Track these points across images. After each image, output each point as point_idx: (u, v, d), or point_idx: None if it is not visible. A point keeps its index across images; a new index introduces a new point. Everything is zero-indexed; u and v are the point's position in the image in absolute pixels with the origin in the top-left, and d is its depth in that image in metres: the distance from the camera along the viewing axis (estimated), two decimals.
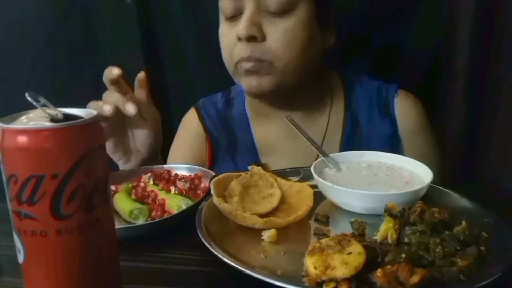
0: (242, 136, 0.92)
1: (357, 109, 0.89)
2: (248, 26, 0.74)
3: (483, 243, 0.47)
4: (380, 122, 0.88)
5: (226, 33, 0.80)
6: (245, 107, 0.94)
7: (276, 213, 0.57)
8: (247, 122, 0.92)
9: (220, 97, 0.96)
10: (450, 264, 0.44)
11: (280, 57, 0.76)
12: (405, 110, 0.88)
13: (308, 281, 0.42)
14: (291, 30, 0.75)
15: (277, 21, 0.75)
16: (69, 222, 0.34)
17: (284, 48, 0.75)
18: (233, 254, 0.47)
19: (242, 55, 0.76)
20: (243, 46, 0.76)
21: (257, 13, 0.75)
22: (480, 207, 0.57)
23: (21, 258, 0.36)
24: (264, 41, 0.75)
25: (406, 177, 0.63)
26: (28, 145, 0.33)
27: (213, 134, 0.93)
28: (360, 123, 0.88)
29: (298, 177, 0.68)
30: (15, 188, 0.34)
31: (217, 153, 0.92)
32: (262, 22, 0.75)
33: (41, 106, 0.35)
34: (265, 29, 0.75)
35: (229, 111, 0.94)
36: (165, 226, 0.56)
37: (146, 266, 0.51)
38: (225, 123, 0.93)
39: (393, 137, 0.87)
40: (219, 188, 0.57)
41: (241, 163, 0.89)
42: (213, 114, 0.94)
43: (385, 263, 0.42)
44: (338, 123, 0.89)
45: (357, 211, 0.58)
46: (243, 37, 0.74)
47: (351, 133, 0.88)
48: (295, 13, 0.76)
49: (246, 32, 0.74)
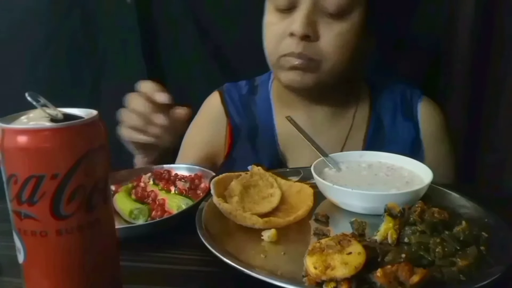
0: (263, 125, 0.91)
1: (381, 110, 0.90)
2: (305, 25, 0.73)
3: (483, 243, 0.47)
4: (403, 125, 0.89)
5: (275, 23, 0.79)
6: (270, 95, 0.93)
7: (276, 213, 0.57)
8: (270, 111, 0.92)
9: (244, 84, 0.96)
10: (450, 264, 0.44)
11: (329, 59, 0.76)
12: (428, 115, 0.89)
13: (308, 281, 0.42)
14: (344, 33, 0.76)
15: (333, 23, 0.75)
16: (69, 222, 0.34)
17: (335, 51, 0.76)
18: (233, 254, 0.47)
19: (293, 50, 0.76)
20: (295, 42, 0.75)
21: (314, 12, 0.75)
22: (480, 207, 0.57)
23: (21, 258, 0.36)
24: (317, 41, 0.76)
25: (406, 177, 0.63)
26: (28, 145, 0.33)
27: (234, 119, 0.92)
28: (384, 124, 0.89)
29: (298, 177, 0.68)
30: (15, 188, 0.34)
31: (236, 139, 0.92)
32: (317, 21, 0.75)
33: (41, 106, 0.35)
34: (319, 30, 0.75)
35: (252, 98, 0.94)
36: (165, 226, 0.56)
37: (146, 266, 0.51)
38: (248, 110, 0.93)
39: (415, 141, 0.88)
40: (219, 188, 0.57)
41: (261, 151, 0.89)
42: (236, 99, 0.93)
43: (385, 263, 0.42)
44: (362, 123, 0.90)
45: (357, 211, 0.58)
46: (298, 35, 0.74)
47: (374, 134, 0.89)
48: (350, 17, 0.76)
49: (303, 31, 0.73)
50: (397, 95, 0.91)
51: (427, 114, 0.89)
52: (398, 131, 0.89)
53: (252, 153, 0.90)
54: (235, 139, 0.92)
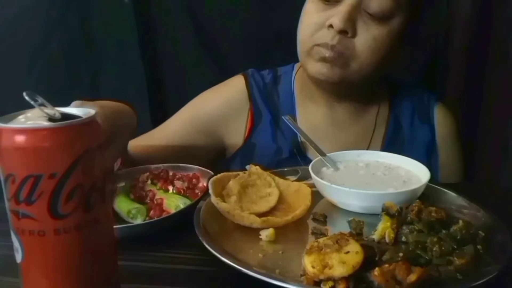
0: (285, 114, 0.90)
1: (400, 112, 0.92)
2: (346, 20, 0.74)
3: (480, 242, 0.47)
4: (420, 127, 0.90)
5: (314, 12, 0.79)
6: (292, 86, 0.93)
7: (274, 213, 0.57)
8: (292, 102, 0.92)
9: (267, 73, 0.96)
10: (447, 263, 0.44)
11: (360, 58, 0.77)
12: (444, 118, 0.91)
13: (306, 280, 0.42)
14: (381, 38, 0.76)
15: (372, 24, 0.76)
16: (67, 221, 0.34)
17: (368, 53, 0.76)
18: (231, 253, 0.47)
19: (327, 41, 0.76)
20: (331, 34, 0.76)
21: (356, 9, 0.75)
22: (477, 206, 0.57)
23: (19, 258, 0.36)
24: (352, 38, 0.76)
25: (403, 177, 0.64)
26: (26, 145, 0.33)
27: (258, 105, 0.91)
28: (402, 126, 0.91)
29: (296, 176, 0.68)
30: (12, 187, 0.34)
31: (257, 125, 0.91)
32: (357, 20, 0.75)
33: (38, 106, 0.35)
34: (358, 28, 0.76)
35: (275, 87, 0.94)
36: (163, 225, 0.56)
37: (144, 265, 0.51)
38: (271, 98, 0.92)
39: (431, 143, 0.90)
40: (217, 187, 0.57)
41: (281, 139, 0.89)
42: (261, 84, 0.93)
43: (383, 262, 0.42)
44: (382, 123, 0.90)
45: (354, 210, 0.58)
46: (337, 29, 0.74)
47: (393, 135, 0.90)
48: (390, 23, 0.76)
49: (342, 25, 0.73)
50: (415, 98, 0.93)
51: (442, 118, 0.91)
52: (415, 133, 0.90)
53: (273, 141, 0.89)
54: (256, 124, 0.91)
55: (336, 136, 0.88)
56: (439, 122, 0.91)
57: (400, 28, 0.77)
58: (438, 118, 0.91)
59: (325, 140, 0.87)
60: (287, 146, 0.87)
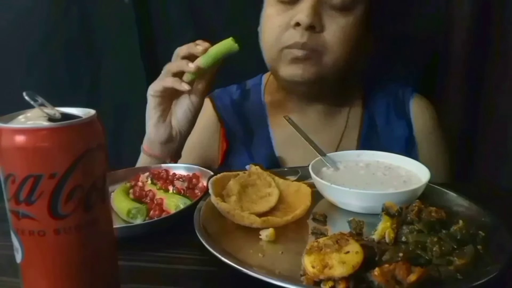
0: (257, 129, 0.91)
1: (375, 110, 0.91)
2: (311, 15, 0.74)
3: (480, 242, 0.47)
4: (396, 124, 0.89)
5: (276, 15, 0.79)
6: (262, 98, 0.93)
7: (274, 213, 0.57)
8: (263, 115, 0.92)
9: (235, 88, 0.96)
10: (447, 263, 0.44)
11: (332, 51, 0.77)
12: (420, 112, 0.90)
13: (306, 280, 0.42)
14: (349, 28, 0.77)
15: (337, 16, 0.76)
16: (67, 221, 0.34)
17: (338, 44, 0.77)
18: (231, 253, 0.47)
19: (297, 40, 0.76)
20: (299, 33, 0.76)
21: (319, 3, 0.75)
22: (477, 206, 0.57)
23: (19, 258, 0.36)
24: (321, 33, 0.76)
25: (403, 177, 0.64)
26: (26, 145, 0.33)
27: (228, 124, 0.92)
28: (377, 123, 0.90)
29: (296, 176, 0.68)
30: (12, 187, 0.34)
31: (232, 144, 0.92)
32: (322, 14, 0.76)
33: (38, 106, 0.35)
34: (324, 22, 0.76)
35: (244, 103, 0.94)
36: (163, 225, 0.56)
37: (144, 265, 0.51)
38: (241, 114, 0.93)
39: (409, 138, 0.89)
40: (217, 187, 0.58)
41: (257, 155, 0.89)
42: (228, 104, 0.93)
43: (383, 262, 0.42)
44: (356, 122, 0.90)
45: (354, 210, 0.58)
46: (304, 25, 0.74)
47: (368, 133, 0.89)
48: (354, 12, 0.77)
49: (309, 21, 0.74)
50: (389, 94, 0.92)
51: (418, 111, 0.90)
52: (392, 130, 0.89)
53: (249, 158, 0.89)
54: (231, 143, 0.92)
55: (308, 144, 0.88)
56: (416, 116, 0.90)
57: (364, 15, 0.78)
58: (414, 113, 0.90)
59: (302, 146, 0.87)
60: (263, 162, 0.87)
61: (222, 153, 0.92)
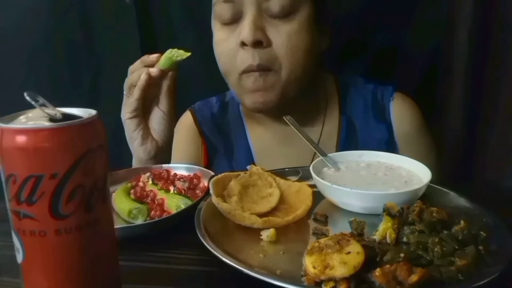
0: (238, 141, 0.91)
1: (352, 113, 0.88)
2: (253, 31, 0.72)
3: (482, 243, 0.47)
4: (375, 127, 0.86)
5: (225, 39, 0.77)
6: (240, 112, 0.92)
7: (275, 213, 0.57)
8: (242, 127, 0.91)
9: (215, 101, 0.95)
10: (448, 264, 0.44)
11: (286, 63, 0.74)
12: (401, 114, 0.86)
13: (307, 280, 0.42)
14: (294, 33, 0.74)
15: (280, 24, 0.74)
16: (68, 222, 0.34)
17: (289, 53, 0.74)
18: (232, 254, 0.47)
19: (250, 63, 0.74)
20: (249, 54, 0.74)
21: (259, 17, 0.73)
22: (479, 206, 0.57)
23: (20, 258, 0.36)
24: (269, 47, 0.74)
25: (404, 177, 0.64)
26: (27, 145, 0.33)
27: (209, 138, 0.91)
28: (356, 127, 0.87)
29: (297, 176, 0.68)
30: (14, 188, 0.34)
31: (213, 157, 0.91)
32: (265, 26, 0.74)
33: (40, 106, 0.35)
34: (269, 34, 0.74)
35: (224, 115, 0.93)
36: (164, 225, 0.56)
37: (145, 265, 0.51)
38: (221, 128, 0.92)
39: (389, 142, 0.86)
40: (218, 187, 0.57)
41: (237, 168, 0.88)
42: (209, 118, 0.92)
43: (384, 262, 0.42)
44: (333, 128, 0.87)
45: (356, 210, 0.58)
46: (249, 43, 0.72)
47: (347, 138, 0.87)
48: (297, 16, 0.74)
49: (252, 37, 0.72)
50: (367, 96, 0.88)
51: (399, 113, 0.86)
52: (371, 132, 0.86)
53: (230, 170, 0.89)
54: (212, 157, 0.91)
55: (287, 153, 0.86)
56: (396, 119, 0.86)
57: (309, 16, 0.75)
58: (395, 115, 0.86)
59: (279, 157, 0.86)
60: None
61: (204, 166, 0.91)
